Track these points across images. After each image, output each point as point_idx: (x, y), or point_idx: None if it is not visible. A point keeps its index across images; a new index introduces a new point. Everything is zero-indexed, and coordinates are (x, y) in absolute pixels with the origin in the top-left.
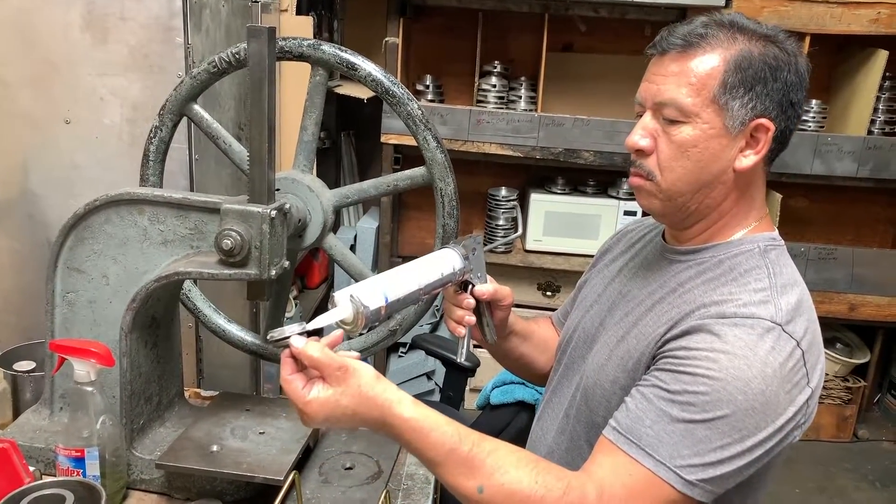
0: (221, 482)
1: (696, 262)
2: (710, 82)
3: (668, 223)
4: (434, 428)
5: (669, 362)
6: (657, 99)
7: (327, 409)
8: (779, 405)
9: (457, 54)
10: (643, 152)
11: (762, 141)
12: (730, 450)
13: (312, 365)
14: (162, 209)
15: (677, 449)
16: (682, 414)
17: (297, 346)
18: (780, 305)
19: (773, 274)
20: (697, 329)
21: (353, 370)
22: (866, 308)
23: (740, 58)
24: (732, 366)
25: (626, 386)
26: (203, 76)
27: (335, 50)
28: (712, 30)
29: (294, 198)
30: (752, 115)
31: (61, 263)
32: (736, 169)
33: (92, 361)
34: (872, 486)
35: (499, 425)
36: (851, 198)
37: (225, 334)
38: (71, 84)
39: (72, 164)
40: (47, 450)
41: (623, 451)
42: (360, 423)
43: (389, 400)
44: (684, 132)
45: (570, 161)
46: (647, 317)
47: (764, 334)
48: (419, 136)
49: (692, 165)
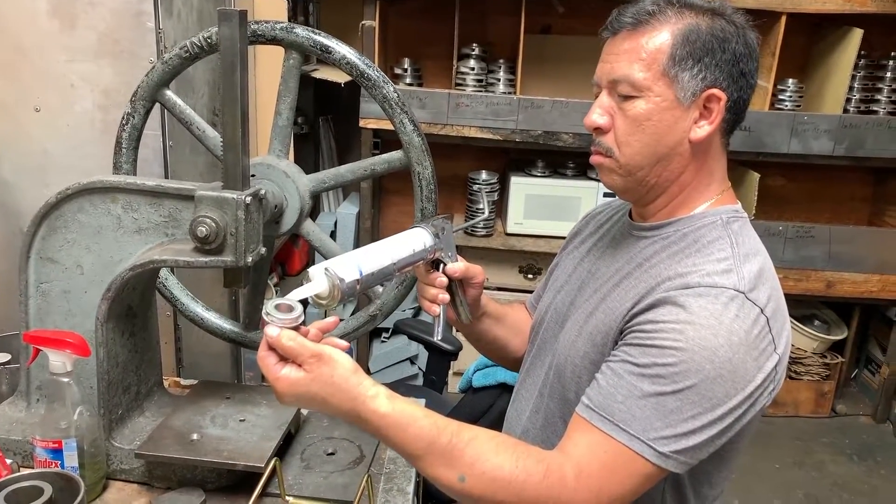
0: (202, 470)
1: (660, 237)
2: (660, 56)
3: (630, 199)
4: (411, 422)
5: (637, 336)
6: (611, 77)
7: (297, 390)
8: (747, 372)
9: (435, 37)
10: (601, 130)
11: (715, 111)
12: (701, 419)
13: (286, 354)
14: (135, 197)
15: (650, 422)
16: (653, 387)
17: (270, 334)
18: (743, 274)
19: (736, 244)
20: (663, 301)
21: (327, 358)
22: (843, 285)
23: (688, 31)
24: (699, 336)
25: (596, 360)
26: (175, 61)
27: (308, 33)
28: (661, 7)
29: (270, 183)
30: (702, 85)
31: (34, 253)
32: (691, 140)
33: (67, 352)
34: (850, 459)
35: (481, 408)
36: (828, 176)
37: (203, 322)
38: (40, 71)
39: (43, 152)
40: (24, 442)
41: (597, 427)
42: (332, 412)
43: (363, 395)
44: (638, 106)
45: (550, 143)
46: (614, 292)
47: (728, 303)
48: (395, 120)
49: (648, 138)
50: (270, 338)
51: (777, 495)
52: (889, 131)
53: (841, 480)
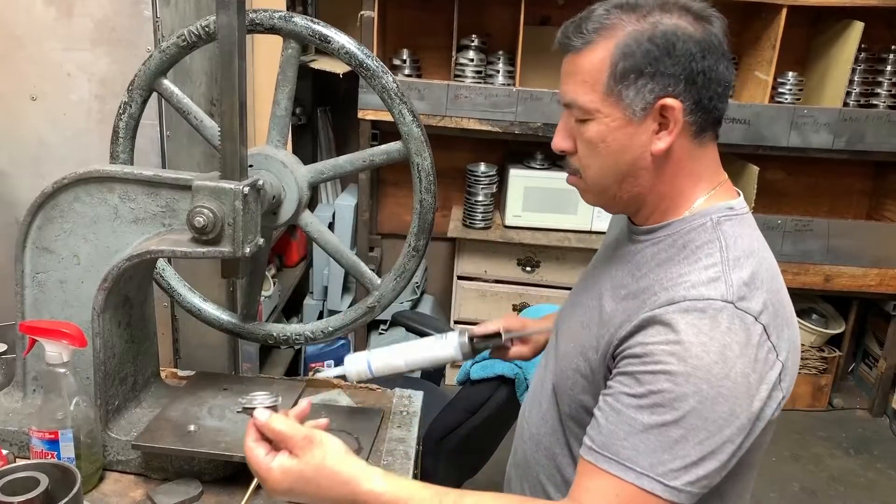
0: (199, 462)
1: (652, 242)
2: (600, 76)
3: (615, 212)
4: (411, 496)
5: (629, 363)
6: (564, 100)
7: (290, 478)
8: (749, 386)
9: (433, 28)
10: (567, 152)
11: (672, 120)
12: (708, 444)
13: (277, 438)
14: (132, 187)
15: (656, 455)
16: (652, 417)
17: (260, 419)
18: (731, 281)
19: (725, 247)
20: (650, 322)
21: (318, 441)
22: (841, 279)
23: (627, 43)
24: (690, 355)
25: (587, 375)
26: (172, 50)
27: (307, 22)
28: (601, 20)
29: (267, 174)
30: (651, 97)
31: (30, 243)
32: (653, 153)
33: (64, 342)
34: (846, 453)
35: (479, 400)
36: (827, 170)
37: (201, 314)
38: (36, 59)
39: (39, 141)
40: (21, 433)
41: (604, 470)
42: (327, 497)
43: (357, 476)
44: (591, 129)
45: (549, 135)
46: (608, 303)
47: (716, 315)
48: (394, 110)
49: (604, 160)
50: (260, 422)
51: (773, 488)
52: (889, 125)
53: (837, 474)
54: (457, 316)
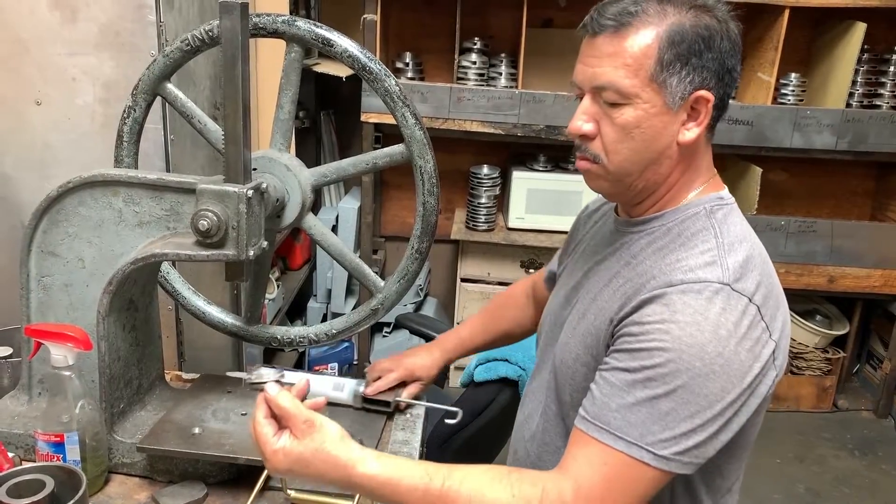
0: (204, 464)
1: (646, 233)
2: (646, 62)
3: (617, 201)
4: (403, 476)
5: (625, 340)
6: (595, 83)
7: (291, 460)
8: (742, 364)
9: (436, 31)
10: (587, 137)
11: (703, 112)
12: (698, 418)
13: (281, 413)
14: (137, 190)
15: (646, 426)
16: (644, 391)
17: (271, 392)
18: (727, 265)
19: (720, 233)
20: (647, 302)
21: (318, 426)
22: (845, 280)
23: (672, 32)
24: (684, 333)
25: (587, 363)
26: (176, 54)
27: (310, 26)
28: (641, 5)
29: (271, 177)
30: (690, 88)
31: (35, 247)
32: (680, 142)
33: (69, 346)
34: (851, 454)
35: (482, 402)
36: (830, 171)
37: (205, 316)
38: (41, 64)
39: (44, 145)
40: (26, 435)
41: (594, 438)
42: (324, 481)
43: (353, 460)
44: (626, 114)
45: (552, 138)
46: (604, 293)
47: (713, 296)
48: (397, 113)
49: (637, 145)
50: (270, 396)
51: (778, 490)
52: (892, 126)
53: (842, 475)
54: (460, 318)
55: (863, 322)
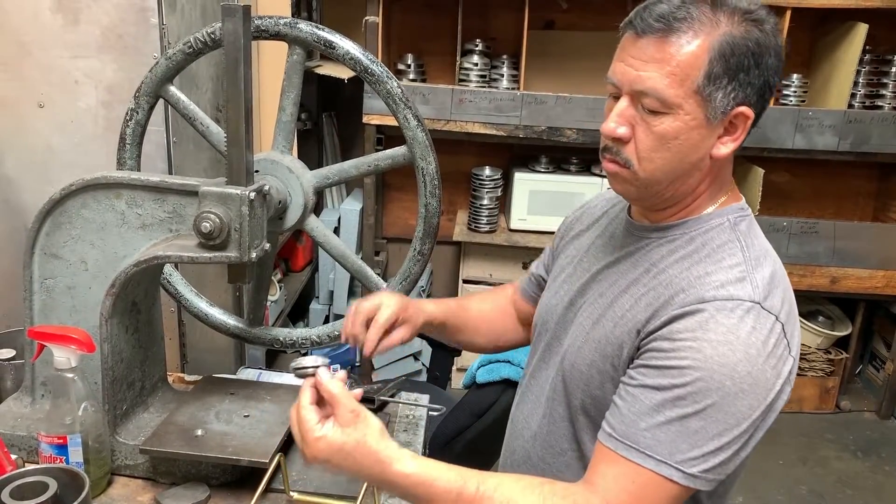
0: (207, 466)
1: (666, 240)
2: (694, 73)
3: (640, 206)
4: (438, 477)
5: (654, 356)
6: (636, 87)
7: (332, 449)
8: (767, 382)
9: (438, 33)
10: (620, 140)
11: (741, 129)
12: (726, 436)
13: (330, 400)
14: (139, 193)
15: (675, 445)
16: (674, 410)
17: (323, 377)
18: (756, 281)
19: (746, 247)
20: (678, 318)
21: (363, 418)
22: (847, 281)
23: (724, 44)
24: (717, 353)
25: (605, 370)
26: (178, 57)
27: (312, 28)
28: (693, 9)
29: (273, 179)
30: (733, 104)
31: (38, 249)
32: (713, 156)
33: (72, 348)
34: (854, 455)
35: (485, 404)
36: (832, 171)
37: (207, 318)
38: (44, 67)
39: (47, 148)
40: (29, 437)
41: (623, 457)
42: (357, 474)
43: (391, 457)
44: (665, 123)
45: (554, 139)
46: (621, 298)
47: (744, 315)
48: (399, 115)
49: (671, 156)
50: (321, 380)
51: (781, 491)
52: (894, 126)
53: (845, 476)
54: None
55: (865, 323)
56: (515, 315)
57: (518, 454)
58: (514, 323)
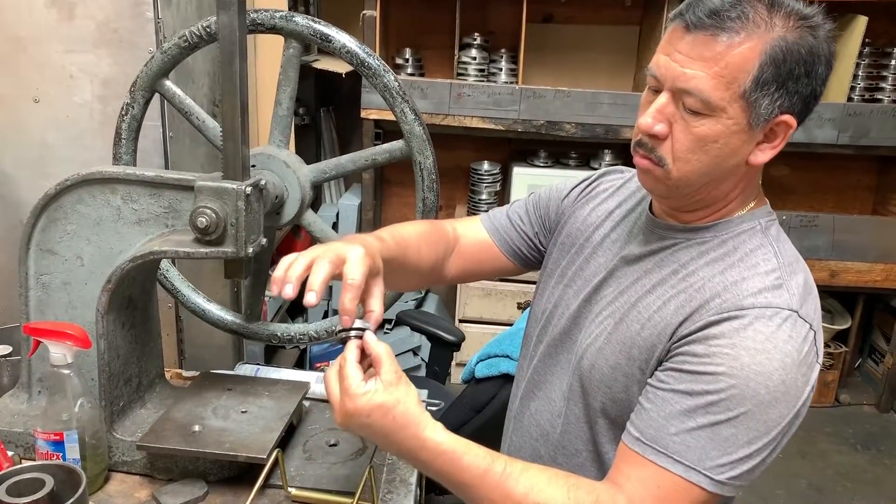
0: (204, 462)
1: (696, 242)
2: (742, 76)
3: (667, 205)
4: (466, 451)
5: (687, 360)
6: (680, 85)
7: (373, 405)
8: (798, 390)
9: (436, 27)
10: (656, 137)
11: (781, 137)
12: (756, 443)
13: (377, 358)
14: (135, 188)
15: (705, 451)
16: (707, 416)
17: (370, 338)
18: (793, 289)
19: (779, 253)
20: (715, 323)
21: (406, 380)
22: (847, 274)
23: (776, 49)
24: (754, 361)
25: (631, 373)
26: (174, 51)
27: (308, 21)
28: (748, 8)
29: (270, 174)
30: (777, 111)
31: (34, 245)
32: (749, 162)
33: (68, 344)
34: (854, 449)
35: (484, 398)
36: (832, 165)
37: (205, 314)
38: (39, 62)
39: (42, 143)
40: (26, 434)
41: (651, 461)
42: (389, 434)
43: (425, 423)
44: (706, 125)
45: (552, 133)
46: (647, 299)
47: (782, 324)
48: (396, 109)
49: (709, 160)
50: (370, 340)
51: (780, 485)
52: (893, 120)
53: (844, 470)
54: (461, 314)
55: (865, 317)
56: (455, 253)
57: (525, 452)
58: (450, 262)
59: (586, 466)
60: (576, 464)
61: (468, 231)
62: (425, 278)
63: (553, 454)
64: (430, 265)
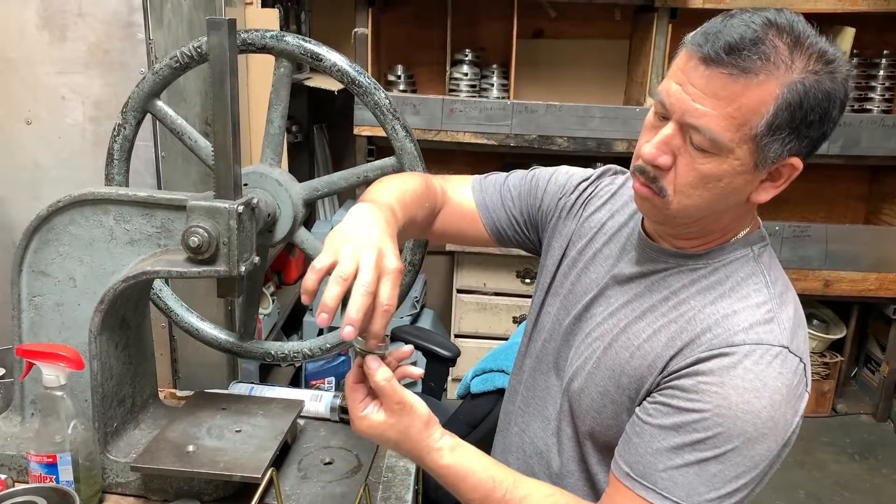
0: (199, 482)
1: (688, 269)
2: (755, 119)
3: (662, 231)
4: (469, 474)
5: (675, 395)
6: (689, 119)
7: (374, 431)
8: (787, 423)
9: (427, 43)
10: (659, 167)
11: (785, 177)
12: (744, 478)
13: (377, 390)
14: (127, 208)
15: (693, 487)
16: (694, 453)
17: (371, 366)
18: (783, 323)
19: (770, 283)
20: (705, 360)
21: (409, 409)
22: (841, 284)
23: (794, 94)
24: (742, 400)
25: (619, 401)
26: (165, 72)
27: (299, 41)
28: (769, 48)
29: (262, 192)
30: (786, 154)
31: (26, 266)
32: (751, 199)
33: (61, 365)
34: (851, 458)
35: (479, 414)
36: (824, 175)
37: (198, 333)
38: (30, 83)
39: (34, 164)
40: (19, 457)
41: (640, 496)
42: (400, 453)
43: (430, 447)
44: (711, 164)
45: (545, 148)
46: (636, 325)
47: (772, 361)
48: (387, 126)
49: (711, 196)
50: (369, 369)
51: (779, 496)
52: (883, 129)
53: (842, 479)
54: (457, 329)
55: (860, 326)
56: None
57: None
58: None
59: (578, 486)
60: (569, 484)
61: (456, 195)
62: (409, 238)
63: (546, 472)
64: (419, 229)
